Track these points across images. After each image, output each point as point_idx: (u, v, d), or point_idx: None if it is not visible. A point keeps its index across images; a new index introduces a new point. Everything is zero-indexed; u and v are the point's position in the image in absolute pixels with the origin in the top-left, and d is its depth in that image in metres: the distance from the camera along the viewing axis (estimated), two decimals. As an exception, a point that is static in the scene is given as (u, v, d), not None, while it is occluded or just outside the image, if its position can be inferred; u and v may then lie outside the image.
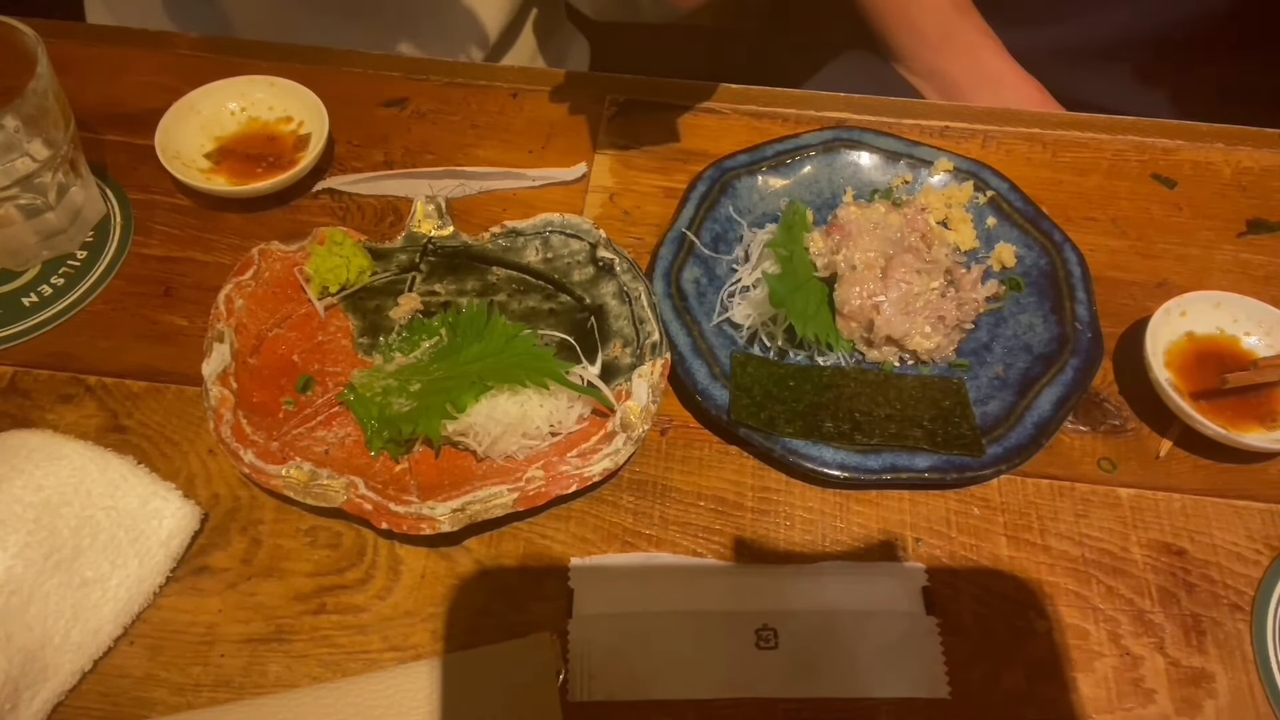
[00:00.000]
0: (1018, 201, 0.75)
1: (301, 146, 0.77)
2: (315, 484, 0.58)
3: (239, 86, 0.79)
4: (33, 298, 0.70)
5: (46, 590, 0.54)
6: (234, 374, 0.63)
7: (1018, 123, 0.85)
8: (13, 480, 0.56)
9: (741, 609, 0.58)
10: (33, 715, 0.52)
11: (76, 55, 0.85)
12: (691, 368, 0.65)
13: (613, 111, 0.84)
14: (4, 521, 0.55)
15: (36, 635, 0.53)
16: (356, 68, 0.87)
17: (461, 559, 0.60)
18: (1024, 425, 0.63)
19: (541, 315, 0.69)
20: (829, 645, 0.57)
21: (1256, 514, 0.63)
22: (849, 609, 0.58)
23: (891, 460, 0.61)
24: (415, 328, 0.67)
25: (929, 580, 0.59)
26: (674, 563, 0.60)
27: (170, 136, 0.75)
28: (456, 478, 0.61)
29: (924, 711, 0.55)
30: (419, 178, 0.78)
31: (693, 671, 0.56)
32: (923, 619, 0.58)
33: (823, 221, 0.73)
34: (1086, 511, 0.63)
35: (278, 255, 0.69)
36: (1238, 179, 0.81)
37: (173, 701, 0.54)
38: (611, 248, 0.70)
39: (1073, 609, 0.59)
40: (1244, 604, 0.59)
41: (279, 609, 0.58)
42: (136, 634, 0.56)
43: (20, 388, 0.66)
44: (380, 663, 0.56)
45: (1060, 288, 0.70)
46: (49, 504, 0.56)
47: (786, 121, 0.84)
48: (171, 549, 0.58)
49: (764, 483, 0.64)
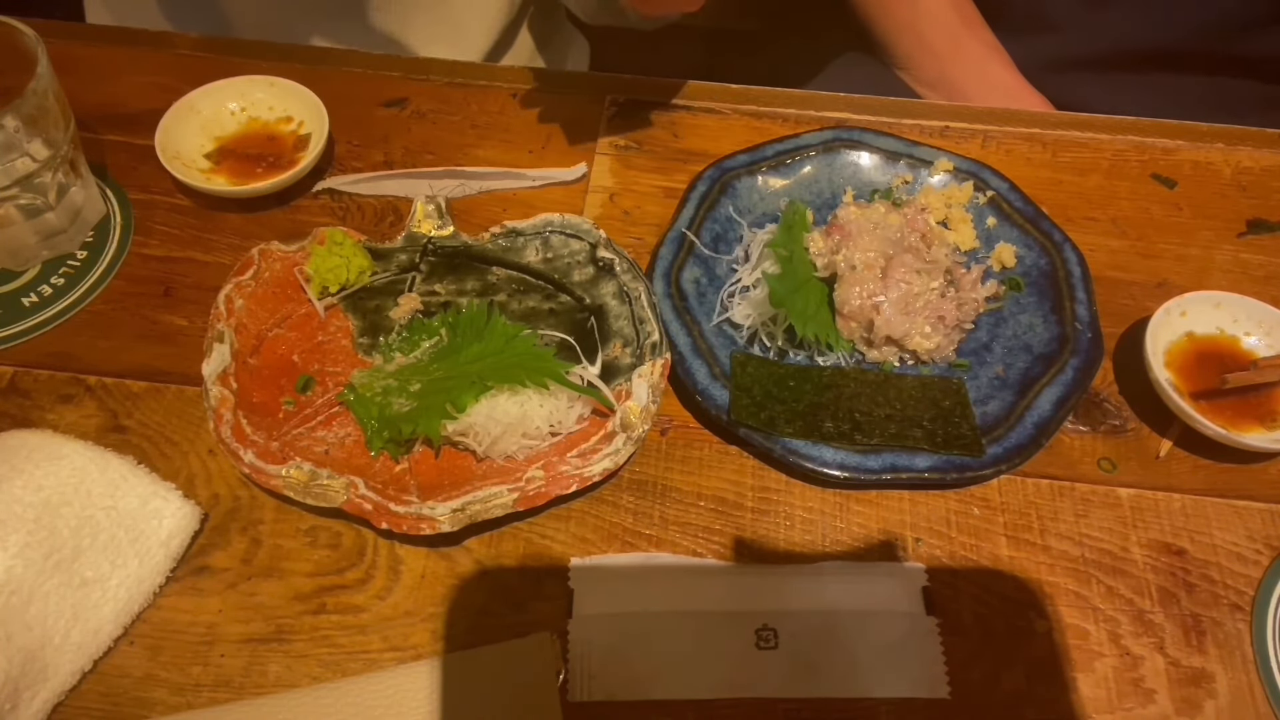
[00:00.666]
0: (1018, 201, 0.75)
1: (301, 146, 0.77)
2: (315, 484, 0.58)
3: (239, 86, 0.79)
4: (33, 298, 0.70)
5: (46, 590, 0.54)
6: (234, 374, 0.63)
7: (1018, 123, 0.85)
8: (13, 480, 0.56)
9: (741, 609, 0.58)
10: (33, 715, 0.52)
11: (77, 55, 0.85)
12: (691, 368, 0.65)
13: (613, 111, 0.84)
14: (4, 521, 0.55)
15: (36, 635, 0.53)
16: (356, 68, 0.87)
17: (461, 559, 0.60)
18: (1024, 425, 0.63)
19: (541, 315, 0.69)
20: (829, 645, 0.57)
21: (1256, 514, 0.63)
22: (849, 609, 0.58)
23: (891, 460, 0.61)
24: (415, 328, 0.67)
25: (929, 580, 0.59)
26: (674, 563, 0.60)
27: (170, 136, 0.75)
28: (456, 478, 0.61)
29: (924, 711, 0.55)
30: (419, 178, 0.78)
31: (693, 671, 0.56)
32: (923, 619, 0.58)
33: (823, 221, 0.73)
34: (1086, 511, 0.63)
35: (278, 255, 0.69)
36: (1238, 179, 0.81)
37: (173, 701, 0.54)
38: (611, 248, 0.70)
39: (1073, 609, 0.59)
40: (1244, 604, 0.59)
41: (279, 609, 0.58)
42: (136, 634, 0.56)
43: (20, 388, 0.66)
44: (380, 663, 0.56)
45: (1060, 288, 0.70)
46: (49, 504, 0.56)
47: (786, 121, 0.84)
48: (172, 549, 0.58)
49: (764, 483, 0.64)
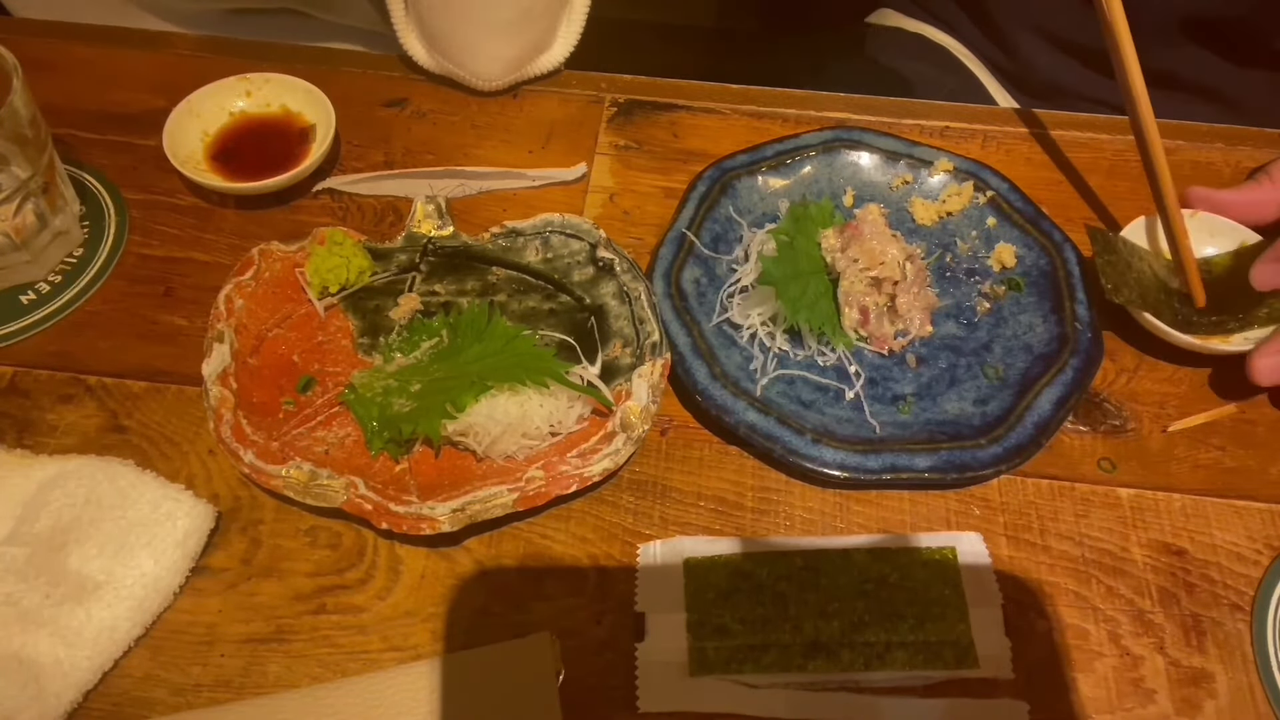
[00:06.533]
0: (1018, 201, 0.75)
1: (304, 142, 0.77)
2: (315, 484, 0.58)
3: (239, 86, 0.79)
4: (30, 295, 0.70)
5: (61, 596, 0.55)
6: (234, 374, 0.63)
7: (1018, 123, 0.85)
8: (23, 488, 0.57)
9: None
10: (52, 713, 0.53)
11: (77, 55, 0.85)
12: (691, 368, 0.65)
13: (613, 111, 0.84)
14: (13, 535, 0.56)
15: (53, 641, 0.54)
16: (356, 68, 0.87)
17: (461, 559, 0.60)
18: (1024, 425, 0.63)
19: (541, 315, 0.69)
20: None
21: (1256, 514, 0.63)
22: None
23: (891, 460, 0.61)
24: (415, 328, 0.67)
25: (929, 580, 0.59)
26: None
27: (172, 137, 0.75)
28: (456, 478, 0.61)
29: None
30: (419, 178, 0.78)
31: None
32: (923, 619, 0.58)
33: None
34: (1086, 511, 0.63)
35: (278, 255, 0.69)
36: (1238, 179, 0.81)
37: (173, 701, 0.54)
38: (611, 248, 0.70)
39: (1073, 609, 0.59)
40: (1244, 604, 0.59)
41: (279, 609, 0.58)
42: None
43: (20, 388, 0.66)
44: (380, 663, 0.56)
45: (1060, 288, 0.70)
46: (59, 517, 0.57)
47: (786, 121, 0.84)
48: (189, 548, 0.58)
49: (764, 483, 0.64)
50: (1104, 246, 0.69)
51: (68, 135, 0.79)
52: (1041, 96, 0.99)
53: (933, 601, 0.57)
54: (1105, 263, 0.68)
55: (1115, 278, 0.67)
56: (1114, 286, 0.67)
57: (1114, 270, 0.68)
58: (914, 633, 0.56)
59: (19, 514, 0.57)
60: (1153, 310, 0.67)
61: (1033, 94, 1.01)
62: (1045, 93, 0.99)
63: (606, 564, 0.60)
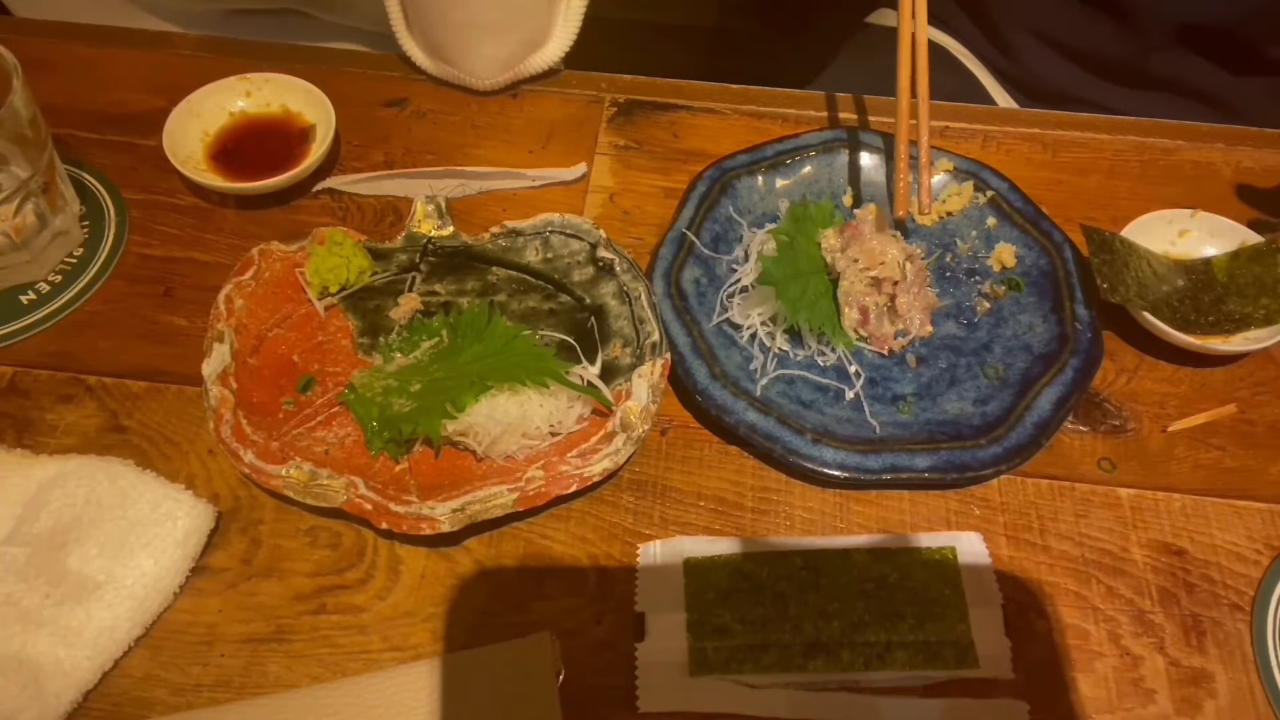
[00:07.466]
0: (1018, 201, 0.75)
1: (304, 142, 0.77)
2: (315, 484, 0.58)
3: (239, 86, 0.79)
4: (30, 295, 0.70)
5: (61, 596, 0.55)
6: (234, 374, 0.63)
7: (1018, 123, 0.85)
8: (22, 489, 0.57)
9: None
10: (52, 712, 0.53)
11: (77, 55, 0.85)
12: (691, 368, 0.65)
13: (613, 111, 0.84)
14: (13, 535, 0.56)
15: (53, 641, 0.54)
16: (356, 68, 0.87)
17: (461, 559, 0.60)
18: (1024, 425, 0.63)
19: (541, 315, 0.69)
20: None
21: (1256, 514, 0.63)
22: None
23: (891, 460, 0.61)
24: (415, 328, 0.67)
25: (929, 580, 0.59)
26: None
27: (172, 137, 0.75)
28: (456, 478, 0.61)
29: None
30: (419, 178, 0.78)
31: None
32: (923, 619, 0.58)
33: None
34: (1086, 511, 0.63)
35: (278, 255, 0.69)
36: (1237, 179, 0.81)
37: (173, 701, 0.54)
38: (611, 248, 0.70)
39: (1073, 609, 0.59)
40: (1244, 604, 0.59)
41: (279, 609, 0.58)
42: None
43: (20, 388, 0.66)
44: (380, 663, 0.56)
45: (1060, 288, 0.70)
46: (59, 517, 0.57)
47: (786, 121, 0.84)
48: (189, 548, 0.58)
49: (764, 483, 0.64)
50: (1100, 245, 0.69)
51: (68, 135, 0.79)
52: (1040, 99, 0.99)
53: (933, 601, 0.57)
54: (1101, 262, 0.68)
55: (1111, 277, 0.67)
56: (1110, 285, 0.67)
57: (1110, 269, 0.68)
58: (914, 633, 0.56)
59: (19, 514, 0.57)
60: (1151, 309, 0.67)
61: (1032, 96, 1.01)
62: (1044, 95, 0.99)
63: (606, 564, 0.60)
